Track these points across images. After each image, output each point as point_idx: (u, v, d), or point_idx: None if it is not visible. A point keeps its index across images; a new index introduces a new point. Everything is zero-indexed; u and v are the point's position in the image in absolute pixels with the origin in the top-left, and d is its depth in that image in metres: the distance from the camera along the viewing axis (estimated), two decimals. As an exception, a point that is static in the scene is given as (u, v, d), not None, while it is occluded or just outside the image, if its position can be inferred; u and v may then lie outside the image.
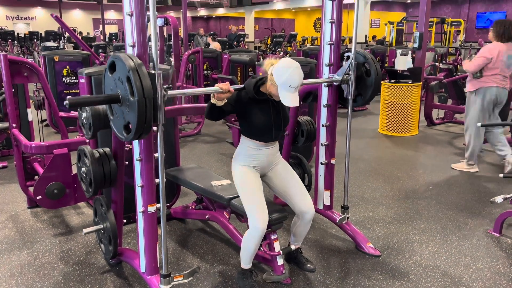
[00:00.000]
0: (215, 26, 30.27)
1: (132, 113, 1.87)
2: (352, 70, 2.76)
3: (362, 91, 2.87)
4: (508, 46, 4.20)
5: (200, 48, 6.94)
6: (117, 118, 2.04)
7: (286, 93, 2.21)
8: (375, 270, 2.71)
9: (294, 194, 2.49)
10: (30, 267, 2.75)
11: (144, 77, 1.85)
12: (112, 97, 1.96)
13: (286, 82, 2.19)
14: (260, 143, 2.40)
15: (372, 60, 2.81)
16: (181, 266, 2.77)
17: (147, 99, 1.84)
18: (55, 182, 3.16)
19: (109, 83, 2.03)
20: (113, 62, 1.96)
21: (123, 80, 1.89)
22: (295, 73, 2.21)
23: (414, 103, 6.22)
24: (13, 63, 3.42)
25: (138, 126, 1.86)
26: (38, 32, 16.19)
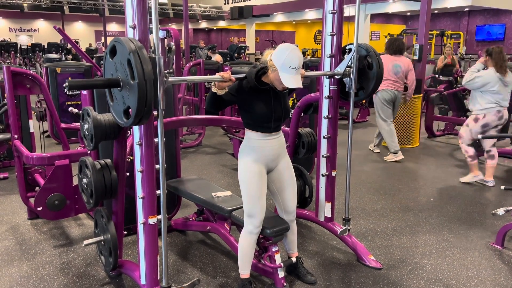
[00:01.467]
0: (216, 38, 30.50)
1: (132, 97, 1.84)
2: (354, 63, 2.73)
3: (364, 84, 2.83)
4: (395, 58, 5.38)
5: (202, 60, 6.98)
6: (117, 103, 2.01)
7: (287, 75, 2.17)
8: (377, 283, 2.69)
9: (287, 197, 2.53)
10: (30, 279, 2.74)
11: (145, 61, 1.82)
12: (112, 81, 1.93)
13: (286, 63, 2.16)
14: (262, 134, 2.36)
15: (374, 53, 2.78)
16: (182, 278, 2.75)
17: (147, 82, 1.81)
18: (56, 193, 3.15)
19: (110, 68, 2.00)
20: (114, 46, 1.94)
21: (124, 63, 1.86)
22: (293, 53, 2.18)
23: (415, 115, 6.23)
24: (16, 75, 3.44)
25: (138, 110, 1.83)
26: (40, 44, 16.32)
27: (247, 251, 2.42)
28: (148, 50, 1.96)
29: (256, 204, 2.36)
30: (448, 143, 6.60)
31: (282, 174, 2.50)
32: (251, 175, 2.37)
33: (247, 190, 2.37)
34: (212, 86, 2.22)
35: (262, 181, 2.40)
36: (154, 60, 1.90)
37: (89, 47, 18.02)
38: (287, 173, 2.52)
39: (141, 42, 1.97)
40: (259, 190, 2.38)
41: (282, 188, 2.52)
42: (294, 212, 2.58)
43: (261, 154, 2.38)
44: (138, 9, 1.99)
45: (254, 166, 2.37)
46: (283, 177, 2.51)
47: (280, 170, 2.50)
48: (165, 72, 1.94)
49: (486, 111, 4.37)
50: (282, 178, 2.51)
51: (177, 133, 3.48)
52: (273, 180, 2.51)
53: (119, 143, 2.50)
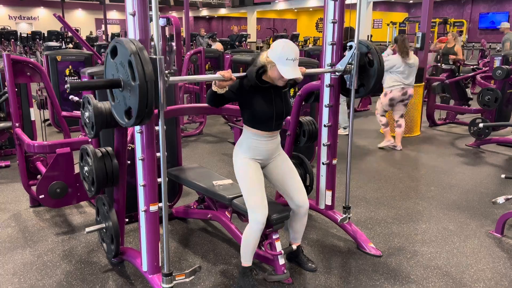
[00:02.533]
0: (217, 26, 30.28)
1: (133, 98, 1.86)
2: (355, 60, 2.73)
3: (365, 81, 2.84)
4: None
5: (202, 48, 6.94)
6: (118, 103, 2.02)
7: (285, 67, 2.20)
8: (376, 270, 2.71)
9: (291, 187, 2.52)
10: (32, 265, 2.76)
11: (146, 62, 1.83)
12: (113, 82, 1.95)
13: (282, 56, 2.19)
14: (262, 132, 2.39)
15: (375, 50, 2.77)
16: (183, 265, 2.78)
17: (148, 83, 1.82)
18: (58, 181, 3.17)
19: (111, 68, 2.01)
20: (115, 46, 1.94)
21: (125, 64, 1.87)
22: (287, 45, 2.22)
23: (416, 104, 6.21)
24: (16, 63, 3.43)
25: (140, 111, 1.84)
26: (40, 32, 16.24)
27: (250, 244, 2.41)
28: (148, 50, 1.97)
29: (257, 198, 2.36)
30: (450, 132, 6.59)
31: (280, 166, 2.53)
32: (247, 170, 2.41)
33: (247, 185, 2.39)
34: (213, 85, 2.23)
35: (259, 175, 2.43)
36: (155, 60, 1.90)
37: (89, 35, 17.91)
38: (284, 164, 2.55)
39: (141, 42, 1.98)
40: (258, 183, 2.39)
41: (283, 179, 2.53)
42: (305, 205, 2.52)
43: (256, 152, 2.42)
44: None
45: (249, 162, 2.42)
46: (281, 169, 2.53)
47: (277, 163, 2.53)
48: (166, 72, 1.95)
49: (392, 88, 5.38)
50: (280, 171, 2.53)
51: (178, 122, 3.48)
52: (272, 175, 2.54)
53: (120, 131, 2.51)
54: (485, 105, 5.66)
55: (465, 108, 6.66)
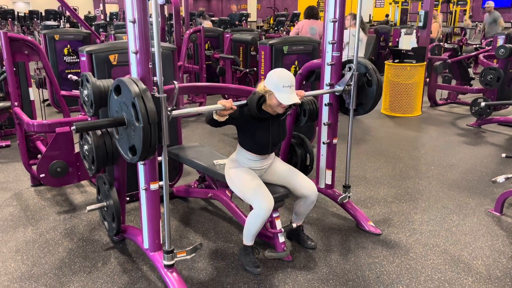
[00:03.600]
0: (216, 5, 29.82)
1: (137, 137, 1.91)
2: (354, 81, 2.77)
3: (363, 100, 2.89)
4: (311, 22, 5.79)
5: (202, 27, 6.85)
6: (122, 139, 2.08)
7: (283, 94, 2.27)
8: (376, 248, 2.74)
9: (295, 181, 2.56)
10: (35, 243, 2.79)
11: (149, 102, 1.87)
12: (117, 121, 2.01)
13: (279, 83, 2.26)
14: (256, 155, 2.49)
15: (373, 70, 2.84)
16: (184, 243, 2.80)
17: (152, 125, 1.86)
18: (58, 161, 3.17)
19: (114, 105, 2.06)
20: (118, 85, 1.99)
21: (128, 104, 1.92)
22: (282, 73, 2.29)
23: (418, 84, 6.17)
24: (13, 41, 3.39)
25: (143, 150, 1.91)
26: (38, 11, 15.99)
27: (255, 229, 2.42)
28: (151, 88, 2.00)
29: (259, 191, 2.39)
30: (451, 112, 6.56)
31: (277, 167, 2.61)
32: (239, 174, 2.49)
33: (244, 186, 2.44)
34: (214, 114, 2.27)
35: (252, 174, 2.49)
36: (158, 100, 1.95)
37: (87, 15, 17.65)
38: (282, 166, 2.62)
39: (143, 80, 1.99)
40: (255, 180, 2.45)
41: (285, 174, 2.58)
42: (314, 193, 2.54)
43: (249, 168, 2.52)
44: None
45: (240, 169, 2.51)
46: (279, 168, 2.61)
47: (275, 168, 2.61)
48: (169, 109, 1.99)
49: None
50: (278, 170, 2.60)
51: (178, 101, 3.45)
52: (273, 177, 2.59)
53: (120, 110, 2.49)
54: (487, 85, 5.61)
55: (467, 88, 6.61)
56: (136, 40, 2.01)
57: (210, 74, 6.92)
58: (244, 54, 7.56)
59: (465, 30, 12.54)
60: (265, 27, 16.72)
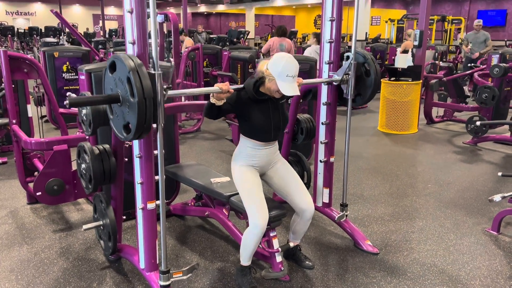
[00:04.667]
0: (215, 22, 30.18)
1: (132, 114, 1.88)
2: (352, 70, 2.76)
3: (362, 91, 2.88)
4: (280, 39, 6.84)
5: (200, 45, 6.93)
6: (117, 117, 2.04)
7: (285, 84, 2.22)
8: (373, 267, 2.72)
9: (294, 192, 2.50)
10: (30, 262, 2.76)
11: (144, 78, 1.85)
12: (112, 97, 1.97)
13: (283, 72, 2.20)
14: (260, 142, 2.41)
15: (371, 60, 2.82)
16: (180, 262, 2.78)
17: (147, 100, 1.84)
18: (55, 178, 3.16)
19: (109, 83, 2.04)
20: (114, 62, 1.97)
21: (123, 80, 1.89)
22: (289, 61, 2.22)
23: (414, 101, 6.22)
24: (13, 59, 3.42)
25: (138, 126, 1.87)
26: (38, 28, 16.15)
27: (250, 247, 2.39)
28: (147, 65, 1.99)
29: (257, 203, 2.34)
30: (447, 129, 6.61)
31: (280, 171, 2.53)
32: (244, 176, 2.41)
33: (245, 191, 2.39)
34: (211, 97, 2.24)
35: (257, 180, 2.43)
36: (154, 76, 1.92)
37: (86, 31, 17.82)
38: (284, 168, 2.55)
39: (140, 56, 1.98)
40: (257, 188, 2.39)
41: (285, 183, 2.52)
42: (310, 208, 2.48)
43: (253, 160, 2.43)
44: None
45: (246, 169, 2.43)
46: (281, 173, 2.53)
47: (277, 169, 2.53)
48: (165, 87, 1.97)
49: None
50: (280, 175, 2.53)
51: (176, 119, 3.47)
52: (273, 180, 2.54)
53: (118, 129, 2.50)
54: (482, 103, 5.68)
55: (463, 106, 6.67)
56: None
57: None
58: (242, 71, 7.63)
59: (459, 48, 12.70)
60: (263, 45, 16.89)
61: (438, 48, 10.88)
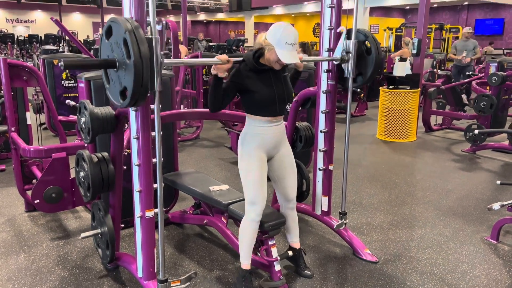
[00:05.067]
0: (214, 30, 30.33)
1: (128, 77, 1.83)
2: (353, 49, 2.71)
3: (363, 69, 2.81)
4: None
5: (199, 53, 6.95)
6: (113, 84, 1.99)
7: (284, 51, 2.18)
8: (372, 276, 2.71)
9: (288, 185, 2.56)
10: (27, 271, 2.75)
11: (141, 40, 1.81)
12: (108, 62, 1.92)
13: (282, 39, 2.17)
14: (266, 118, 2.35)
15: (372, 38, 2.76)
16: (179, 271, 2.77)
17: (143, 60, 1.79)
18: (53, 186, 3.16)
19: (106, 50, 1.99)
20: (110, 26, 1.92)
21: (120, 43, 1.85)
22: (288, 29, 2.20)
23: (413, 109, 6.24)
24: (12, 67, 3.43)
25: (135, 89, 1.82)
26: (37, 35, 16.21)
27: (248, 240, 2.41)
28: (144, 31, 1.95)
29: (258, 190, 2.36)
30: (446, 137, 6.62)
31: (283, 161, 2.52)
32: (252, 161, 2.38)
33: (249, 176, 2.38)
34: (212, 70, 2.20)
35: (263, 168, 2.41)
36: (151, 40, 1.88)
37: (86, 39, 17.89)
38: (287, 160, 2.54)
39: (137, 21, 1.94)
40: (261, 176, 2.38)
41: (283, 176, 2.54)
42: (295, 199, 2.60)
43: (262, 141, 2.38)
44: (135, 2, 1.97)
45: (255, 153, 2.38)
46: (284, 164, 2.52)
47: (281, 157, 2.51)
48: (162, 53, 1.92)
49: None
50: (282, 165, 2.52)
51: (175, 127, 3.48)
52: (274, 167, 2.52)
53: (116, 136, 2.50)
54: (481, 111, 5.69)
55: (461, 114, 6.69)
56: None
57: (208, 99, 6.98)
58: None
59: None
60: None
61: (436, 56, 10.94)
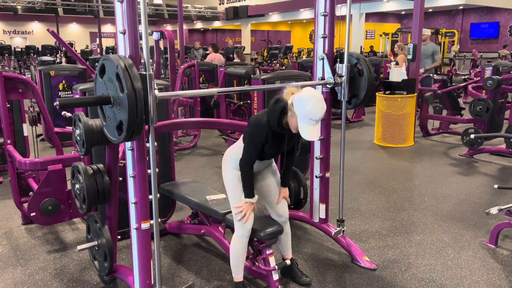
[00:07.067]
0: (211, 38, 30.42)
1: (123, 110, 1.84)
2: (345, 72, 2.74)
3: (356, 91, 2.85)
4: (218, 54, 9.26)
5: (196, 62, 6.98)
6: (109, 121, 2.01)
7: (306, 126, 2.10)
8: (371, 284, 2.70)
9: (275, 200, 2.57)
10: (23, 285, 2.72)
11: (134, 77, 1.82)
12: (102, 98, 1.93)
13: (308, 114, 2.08)
14: (259, 161, 2.45)
15: (363, 60, 2.80)
16: (176, 282, 2.75)
17: (136, 91, 1.80)
18: (50, 199, 3.14)
19: (100, 88, 2.01)
20: (103, 65, 1.95)
21: (113, 79, 1.86)
22: (318, 104, 2.10)
23: (409, 114, 6.25)
24: (8, 80, 3.43)
25: (130, 122, 1.82)
26: (35, 46, 16.25)
27: (239, 255, 2.44)
28: (138, 67, 1.98)
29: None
30: (443, 141, 6.62)
31: (268, 179, 2.57)
32: (237, 178, 2.42)
33: (235, 192, 2.42)
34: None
35: None
36: (144, 76, 1.91)
37: (85, 49, 17.94)
38: (273, 178, 2.58)
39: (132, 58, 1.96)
40: None
41: (270, 196, 2.58)
42: (286, 214, 2.60)
43: None
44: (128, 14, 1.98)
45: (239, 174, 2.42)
46: (268, 182, 2.58)
47: (267, 175, 2.57)
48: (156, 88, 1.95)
49: None
50: (267, 183, 2.58)
51: (171, 136, 3.47)
52: (259, 189, 2.57)
53: (111, 148, 2.50)
54: (477, 115, 5.71)
55: (458, 118, 6.70)
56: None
57: (205, 107, 6.99)
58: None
59: (453, 61, 12.83)
60: (259, 59, 17.03)
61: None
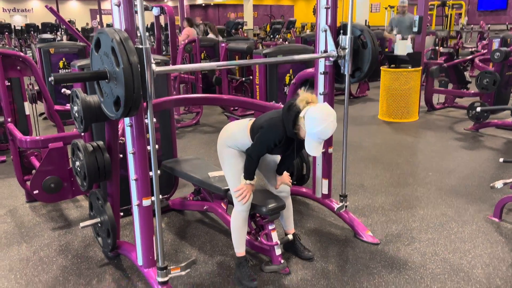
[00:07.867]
0: (213, 14, 29.95)
1: (120, 85, 1.80)
2: (349, 44, 2.67)
3: (360, 64, 2.78)
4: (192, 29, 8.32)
5: (197, 37, 6.86)
6: (107, 97, 1.97)
7: (313, 143, 2.11)
8: (374, 258, 2.70)
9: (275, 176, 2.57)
10: (29, 261, 2.75)
11: (130, 50, 1.77)
12: (99, 73, 1.89)
13: (317, 134, 2.08)
14: None
15: (367, 31, 2.73)
16: (180, 257, 2.77)
17: (132, 65, 1.76)
18: (52, 176, 3.15)
19: (96, 62, 1.97)
20: (98, 38, 1.89)
21: (108, 53, 1.82)
22: (329, 127, 2.08)
23: (414, 89, 6.15)
24: (5, 57, 3.38)
25: (127, 97, 1.78)
26: (35, 24, 16.06)
27: (240, 229, 2.44)
28: (134, 41, 1.92)
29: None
30: (448, 116, 6.54)
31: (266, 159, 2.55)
32: (234, 156, 2.44)
33: (233, 171, 2.42)
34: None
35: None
36: (141, 50, 1.85)
37: (85, 27, 17.72)
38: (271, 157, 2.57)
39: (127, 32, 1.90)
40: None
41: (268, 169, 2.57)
42: (286, 189, 2.59)
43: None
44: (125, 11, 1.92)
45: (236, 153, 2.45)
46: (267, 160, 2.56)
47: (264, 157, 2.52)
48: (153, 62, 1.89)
49: None
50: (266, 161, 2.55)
51: (172, 113, 3.43)
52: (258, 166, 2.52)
53: (110, 125, 2.47)
54: (484, 88, 5.61)
55: (464, 92, 6.60)
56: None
57: (206, 84, 6.93)
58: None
59: (460, 33, 12.57)
60: (261, 35, 16.75)
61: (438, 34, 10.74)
